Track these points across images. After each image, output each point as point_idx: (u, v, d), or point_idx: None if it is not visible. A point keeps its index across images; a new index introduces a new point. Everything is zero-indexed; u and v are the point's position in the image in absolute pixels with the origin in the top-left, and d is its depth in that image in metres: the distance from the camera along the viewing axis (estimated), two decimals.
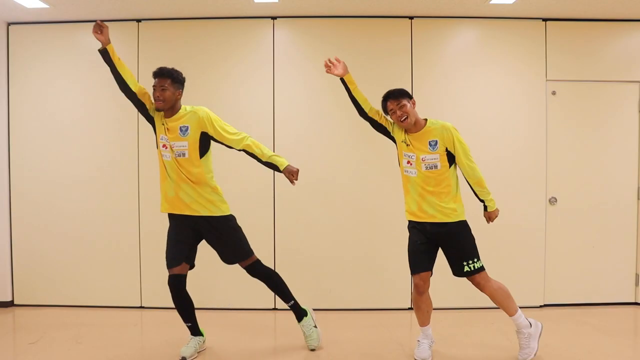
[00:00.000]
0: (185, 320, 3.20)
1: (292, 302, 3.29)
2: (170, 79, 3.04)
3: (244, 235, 3.23)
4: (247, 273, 3.25)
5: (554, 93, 4.31)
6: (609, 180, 4.34)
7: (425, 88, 4.24)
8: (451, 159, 3.07)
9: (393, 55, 4.26)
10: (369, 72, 4.25)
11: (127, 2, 3.89)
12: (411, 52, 4.26)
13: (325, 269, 4.29)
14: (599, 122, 4.33)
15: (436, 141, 3.04)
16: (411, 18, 4.27)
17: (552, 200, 4.32)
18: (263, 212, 4.26)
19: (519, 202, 4.26)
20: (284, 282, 3.30)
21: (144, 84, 3.21)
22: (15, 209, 4.33)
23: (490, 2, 3.92)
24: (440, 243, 3.13)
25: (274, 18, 4.26)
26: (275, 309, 4.28)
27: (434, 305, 3.25)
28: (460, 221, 3.09)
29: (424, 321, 3.21)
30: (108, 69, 2.87)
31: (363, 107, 3.22)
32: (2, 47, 4.27)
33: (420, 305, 3.17)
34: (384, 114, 3.24)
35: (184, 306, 3.18)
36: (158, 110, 3.08)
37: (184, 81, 3.16)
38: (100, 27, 2.97)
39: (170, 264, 3.11)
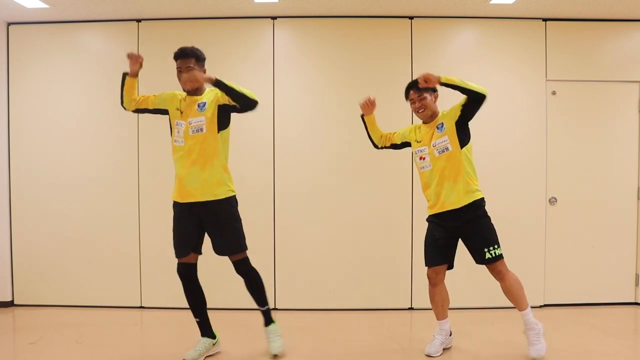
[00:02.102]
0: (195, 314, 3.11)
1: (267, 307, 3.20)
2: (194, 58, 3.02)
3: (242, 227, 3.12)
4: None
5: (554, 93, 4.31)
6: (609, 180, 4.34)
7: None
8: (462, 138, 3.04)
9: (393, 55, 4.26)
10: (369, 72, 4.26)
11: (127, 2, 3.89)
12: (411, 52, 4.26)
13: (325, 269, 4.29)
14: (599, 122, 4.34)
15: (442, 123, 3.08)
16: (411, 18, 4.27)
17: (552, 200, 4.32)
18: (263, 212, 4.26)
19: (519, 202, 4.26)
20: (264, 286, 3.19)
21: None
22: (15, 209, 4.34)
23: (490, 2, 3.92)
24: (461, 233, 3.10)
25: (274, 18, 4.26)
26: (275, 309, 4.28)
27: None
28: (480, 202, 3.05)
29: (439, 315, 3.21)
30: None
31: (375, 141, 3.33)
32: (2, 47, 4.27)
33: (434, 297, 3.18)
34: (391, 133, 3.31)
35: (195, 296, 3.10)
36: (188, 91, 3.02)
37: (205, 59, 3.11)
38: (137, 59, 2.97)
39: (178, 254, 3.06)
